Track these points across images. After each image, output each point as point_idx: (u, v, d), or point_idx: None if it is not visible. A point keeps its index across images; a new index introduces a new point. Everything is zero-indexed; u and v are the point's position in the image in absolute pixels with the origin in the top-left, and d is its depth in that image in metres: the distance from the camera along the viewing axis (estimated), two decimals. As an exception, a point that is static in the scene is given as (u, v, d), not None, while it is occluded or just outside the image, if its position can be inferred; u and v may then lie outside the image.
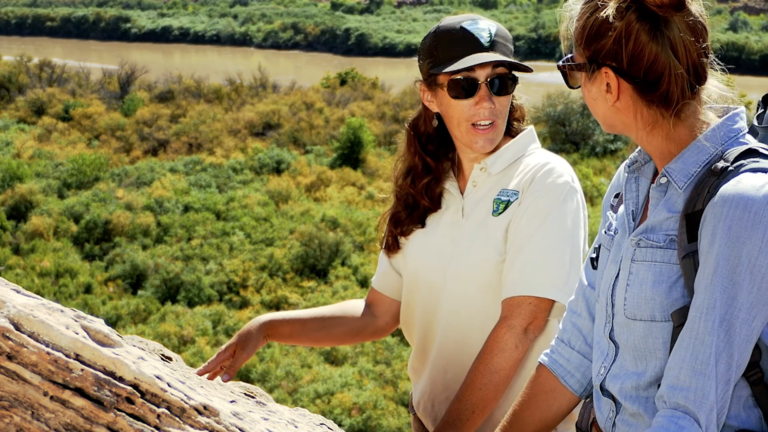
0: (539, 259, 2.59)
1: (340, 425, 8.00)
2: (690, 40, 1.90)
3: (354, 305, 2.99)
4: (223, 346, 2.80)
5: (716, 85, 1.96)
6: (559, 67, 2.05)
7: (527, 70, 2.70)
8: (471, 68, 2.64)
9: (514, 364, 2.59)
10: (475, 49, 2.64)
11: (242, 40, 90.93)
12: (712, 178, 1.87)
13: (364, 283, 23.69)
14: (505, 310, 2.61)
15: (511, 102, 2.78)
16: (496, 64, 2.65)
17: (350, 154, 34.53)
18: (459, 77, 2.65)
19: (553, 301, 2.61)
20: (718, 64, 1.96)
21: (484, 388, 2.57)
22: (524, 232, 2.62)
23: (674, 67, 1.88)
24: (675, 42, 1.88)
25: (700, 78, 1.93)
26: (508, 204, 2.68)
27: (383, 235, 2.91)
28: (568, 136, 36.94)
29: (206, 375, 2.72)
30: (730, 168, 1.86)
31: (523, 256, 2.60)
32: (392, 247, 2.88)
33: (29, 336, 2.02)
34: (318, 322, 2.91)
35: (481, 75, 2.65)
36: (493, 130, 2.68)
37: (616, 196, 2.16)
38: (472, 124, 2.66)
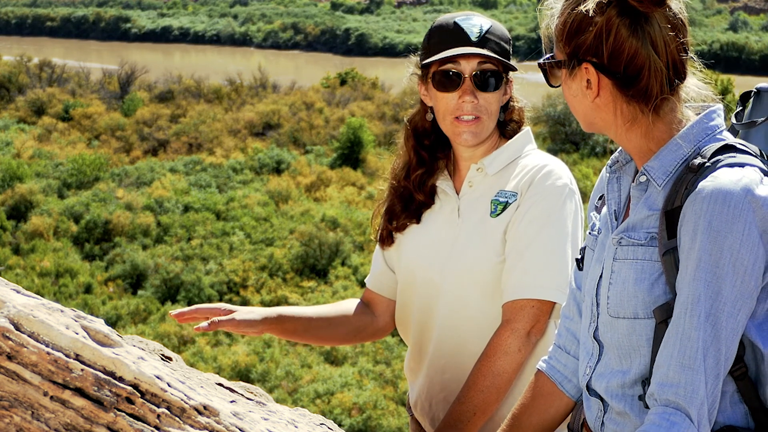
0: (541, 261, 2.59)
1: (340, 425, 7.99)
2: (670, 36, 1.91)
3: (353, 305, 2.99)
4: (225, 305, 2.76)
5: (695, 83, 1.98)
6: (540, 66, 2.06)
7: (512, 68, 2.71)
8: (456, 62, 2.65)
9: (517, 368, 2.59)
10: (462, 43, 2.66)
11: (242, 40, 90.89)
12: (690, 174, 1.89)
13: (364, 283, 23.62)
14: (507, 313, 2.61)
15: (509, 104, 2.78)
16: (483, 60, 2.66)
17: (350, 154, 34.53)
18: (444, 70, 2.67)
19: (554, 304, 2.61)
20: (698, 60, 1.98)
21: (487, 391, 2.57)
22: (525, 235, 2.62)
23: (654, 62, 1.90)
24: (655, 37, 1.90)
25: (680, 74, 1.94)
26: (506, 205, 2.68)
27: (378, 229, 2.92)
28: (568, 136, 36.93)
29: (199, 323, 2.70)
30: (707, 164, 1.88)
31: (525, 259, 2.61)
32: (386, 240, 2.88)
33: (29, 336, 2.02)
34: (324, 321, 2.90)
35: (467, 69, 2.66)
36: (477, 124, 2.68)
37: (600, 198, 2.18)
38: (456, 117, 2.68)
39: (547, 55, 2.04)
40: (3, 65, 48.73)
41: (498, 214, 2.68)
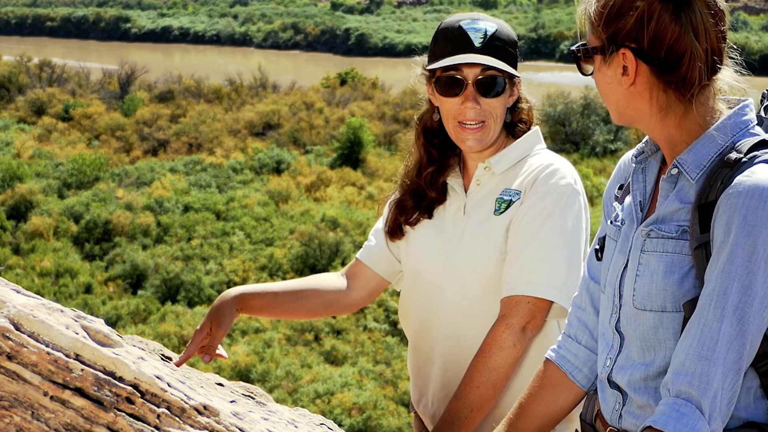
0: (539, 259, 2.60)
1: (340, 425, 7.99)
2: (710, 23, 1.91)
3: (326, 278, 2.99)
4: (198, 327, 2.76)
5: (729, 75, 1.97)
6: (572, 53, 2.04)
7: (513, 76, 2.70)
8: (457, 67, 2.66)
9: (513, 363, 2.60)
10: (465, 49, 2.66)
11: (242, 40, 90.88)
12: (725, 169, 1.88)
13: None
14: (503, 308, 2.63)
15: (517, 104, 2.79)
16: (487, 67, 2.66)
17: (350, 154, 34.53)
18: (447, 75, 2.67)
19: (552, 302, 2.61)
20: (734, 50, 1.97)
21: (483, 387, 2.58)
22: (525, 232, 2.63)
23: (695, 49, 1.89)
24: (696, 24, 1.89)
25: (718, 62, 1.93)
26: (510, 203, 2.69)
27: (386, 219, 2.92)
28: (568, 136, 36.94)
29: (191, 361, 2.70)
30: (744, 159, 1.87)
31: (524, 255, 2.61)
32: (395, 232, 2.89)
33: (29, 336, 2.02)
34: (291, 295, 2.90)
35: (470, 75, 2.67)
36: (482, 130, 2.69)
37: (620, 187, 2.16)
38: (459, 123, 2.68)
39: (580, 42, 2.03)
40: (3, 65, 48.73)
41: (502, 212, 2.70)
